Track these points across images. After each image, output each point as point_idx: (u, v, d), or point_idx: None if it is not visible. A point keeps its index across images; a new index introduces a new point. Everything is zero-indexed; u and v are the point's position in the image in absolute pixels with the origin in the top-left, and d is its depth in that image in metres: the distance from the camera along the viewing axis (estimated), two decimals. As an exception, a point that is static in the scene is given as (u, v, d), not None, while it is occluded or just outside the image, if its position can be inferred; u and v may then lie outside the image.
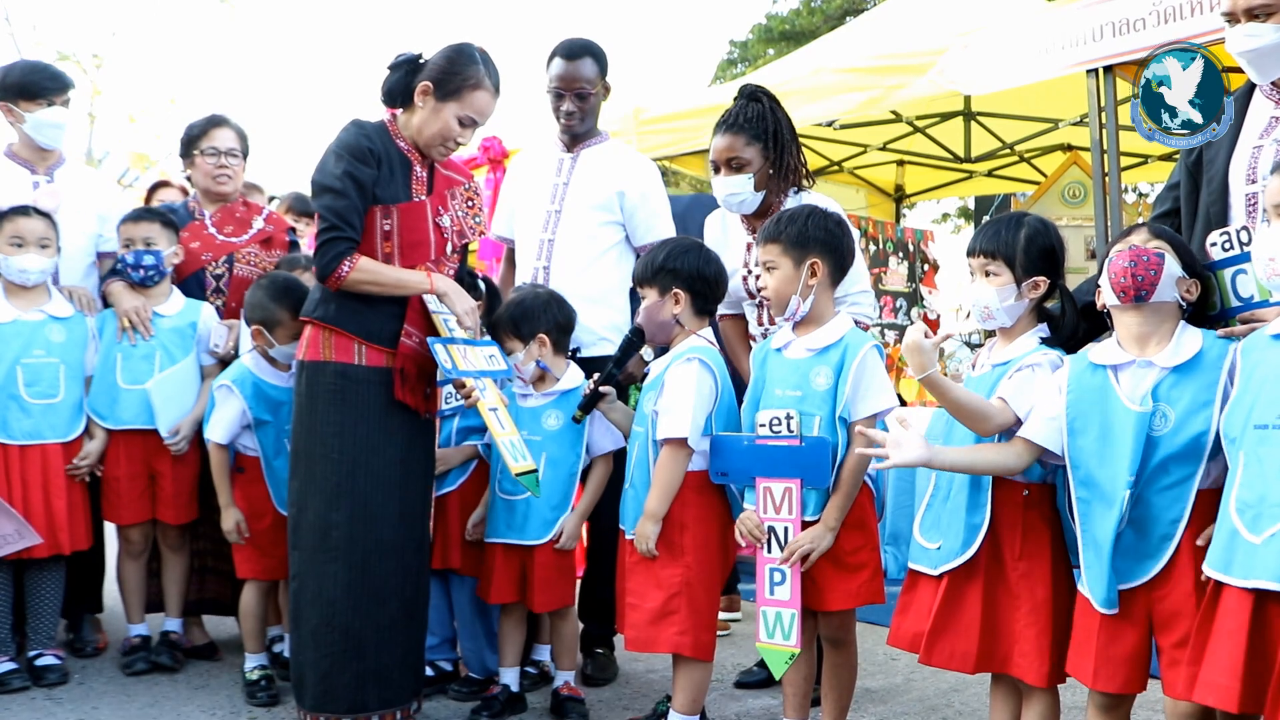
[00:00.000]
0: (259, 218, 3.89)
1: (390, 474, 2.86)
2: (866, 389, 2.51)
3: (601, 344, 3.47)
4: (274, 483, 3.34)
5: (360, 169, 2.80)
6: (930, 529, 2.41)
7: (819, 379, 2.53)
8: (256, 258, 3.81)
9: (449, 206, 3.00)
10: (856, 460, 2.49)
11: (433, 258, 2.94)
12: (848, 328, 2.60)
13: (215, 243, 3.78)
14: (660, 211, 3.61)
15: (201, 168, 3.79)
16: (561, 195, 3.57)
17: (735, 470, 2.61)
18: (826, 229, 2.62)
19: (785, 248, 2.60)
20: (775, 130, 3.09)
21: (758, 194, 3.09)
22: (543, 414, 3.10)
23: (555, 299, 3.19)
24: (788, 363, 2.60)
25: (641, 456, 2.75)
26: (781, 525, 2.53)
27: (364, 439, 2.84)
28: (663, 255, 2.82)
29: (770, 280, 2.63)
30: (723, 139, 3.09)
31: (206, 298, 3.72)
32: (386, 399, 2.87)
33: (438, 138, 2.90)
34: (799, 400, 2.54)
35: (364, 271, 2.78)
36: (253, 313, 3.37)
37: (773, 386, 2.61)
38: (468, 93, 2.87)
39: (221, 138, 3.81)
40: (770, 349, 2.67)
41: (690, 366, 2.71)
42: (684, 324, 2.82)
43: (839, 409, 2.50)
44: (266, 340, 3.35)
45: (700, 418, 2.67)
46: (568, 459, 3.07)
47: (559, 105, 3.56)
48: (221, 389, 3.36)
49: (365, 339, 2.86)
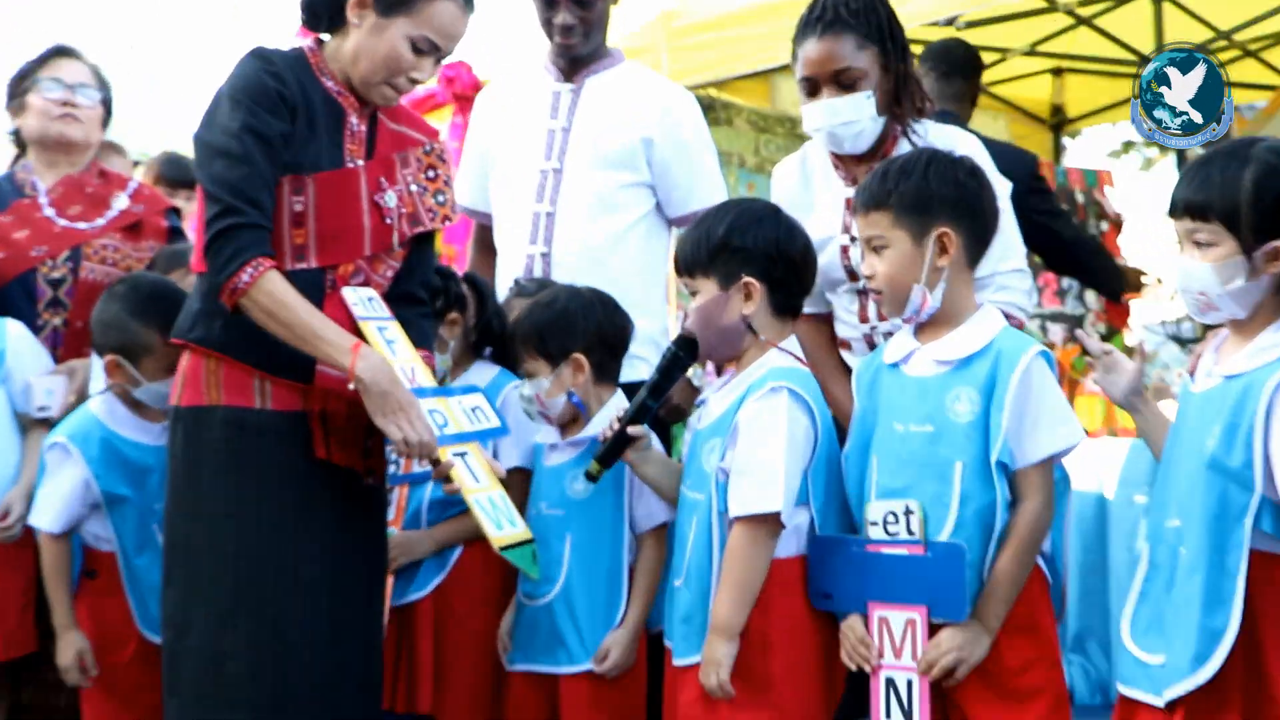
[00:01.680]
0: (122, 194, 3.92)
1: (313, 573, 2.87)
2: (1035, 417, 2.53)
3: (630, 364, 3.46)
4: (138, 593, 3.33)
5: (267, 121, 2.82)
6: (1147, 631, 2.41)
7: (959, 405, 2.56)
8: (118, 254, 3.83)
9: (397, 177, 3.00)
10: (1029, 524, 2.50)
11: (367, 253, 2.94)
12: (997, 327, 2.62)
13: (53, 230, 3.79)
14: (705, 164, 3.67)
15: (35, 106, 3.82)
16: (561, 146, 3.62)
17: (842, 590, 2.64)
18: (957, 181, 2.64)
19: (898, 215, 2.62)
20: (892, 27, 3.13)
21: (879, 120, 3.10)
22: (566, 476, 3.13)
23: (603, 301, 3.24)
24: (911, 384, 2.63)
25: (701, 535, 2.75)
26: (903, 677, 2.55)
27: (271, 521, 2.84)
28: (723, 227, 2.81)
29: (879, 264, 2.65)
30: (820, 44, 3.10)
31: (39, 313, 3.72)
32: (305, 459, 2.88)
33: (381, 70, 2.92)
34: (929, 440, 2.56)
35: (266, 294, 2.75)
36: (105, 334, 3.37)
37: (890, 419, 2.63)
38: (424, 2, 2.90)
39: (68, 69, 3.85)
40: (883, 365, 2.70)
41: (777, 402, 2.68)
42: (759, 331, 2.81)
43: (994, 450, 2.50)
44: (127, 376, 3.35)
45: (795, 480, 2.66)
46: (607, 541, 3.09)
47: (550, 15, 3.61)
48: (54, 450, 3.36)
49: (269, 370, 2.86)
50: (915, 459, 2.57)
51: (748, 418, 2.70)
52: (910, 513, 2.52)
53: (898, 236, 2.62)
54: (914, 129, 3.14)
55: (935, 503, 2.53)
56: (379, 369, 2.77)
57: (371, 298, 2.92)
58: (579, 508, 3.09)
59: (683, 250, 2.88)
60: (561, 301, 3.18)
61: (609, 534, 3.08)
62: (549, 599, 3.05)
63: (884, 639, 2.57)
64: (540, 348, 3.14)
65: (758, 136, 6.26)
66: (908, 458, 2.58)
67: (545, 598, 3.06)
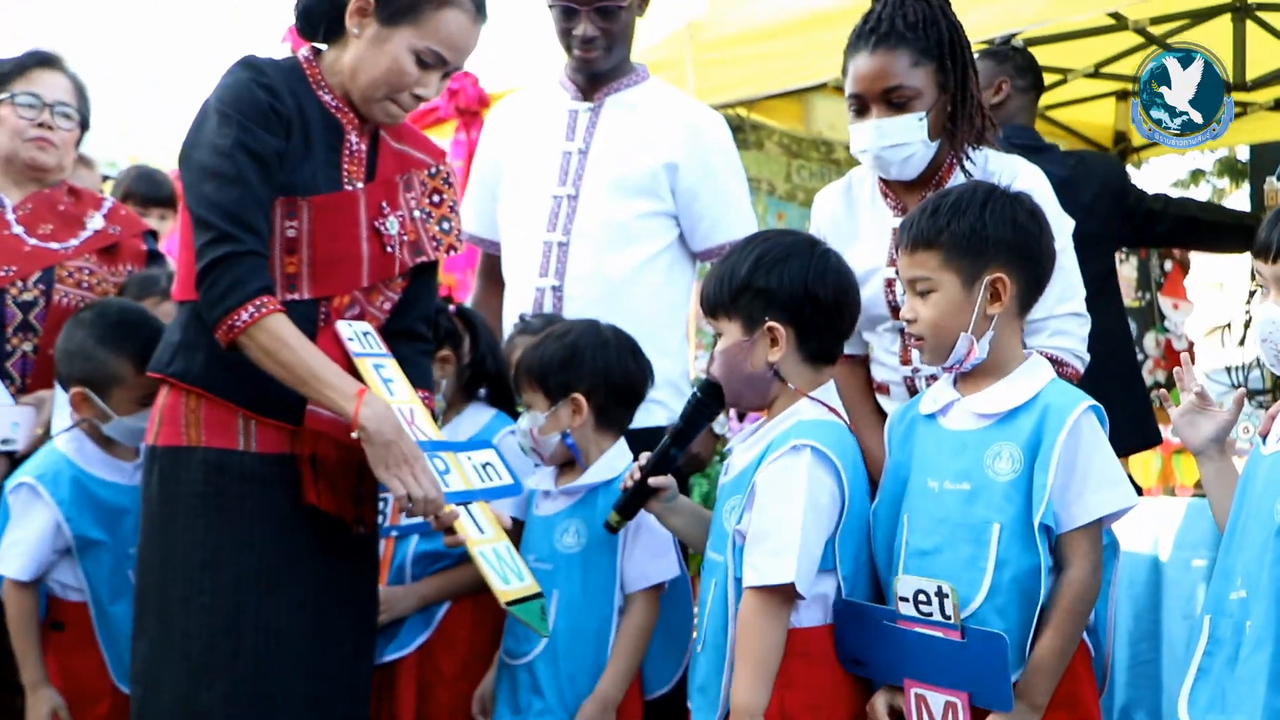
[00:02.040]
0: (96, 214, 3.93)
1: (298, 628, 2.87)
2: (1083, 477, 2.52)
3: (648, 409, 3.48)
4: (113, 645, 3.33)
5: (261, 137, 2.82)
6: (1208, 710, 2.40)
7: (999, 463, 2.56)
8: (93, 277, 3.84)
9: (399, 202, 3.01)
10: (1075, 594, 2.49)
11: (364, 284, 2.95)
12: (1045, 379, 2.61)
13: (22, 250, 3.79)
14: (734, 193, 3.68)
15: (8, 124, 3.82)
16: (576, 171, 3.63)
17: (875, 660, 2.63)
18: (1015, 222, 2.63)
19: (949, 256, 2.61)
20: (953, 43, 3.09)
21: (932, 145, 3.08)
22: (557, 527, 3.14)
23: (621, 343, 3.25)
24: (948, 438, 2.63)
25: (718, 599, 2.75)
26: None
27: (252, 571, 2.84)
28: (746, 265, 2.79)
29: (923, 309, 2.65)
30: (871, 59, 3.07)
31: (6, 338, 3.72)
32: (290, 505, 2.88)
33: (382, 86, 2.92)
34: (966, 499, 2.55)
35: (266, 332, 2.75)
36: (70, 364, 3.39)
37: (923, 476, 2.62)
38: (430, 10, 2.90)
39: (48, 83, 3.86)
40: (918, 416, 2.70)
41: (797, 463, 2.67)
42: (787, 378, 2.80)
43: (1037, 512, 2.49)
44: (95, 410, 3.36)
45: (815, 549, 2.65)
46: (598, 599, 3.10)
47: (569, 27, 3.61)
48: (21, 491, 3.36)
49: (254, 410, 2.87)
50: (949, 519, 2.57)
51: (765, 479, 2.69)
52: (944, 595, 2.50)
53: (946, 279, 2.61)
54: (970, 157, 3.11)
55: (969, 566, 2.53)
56: (384, 418, 2.77)
57: (367, 332, 2.93)
58: (569, 562, 3.11)
59: (706, 289, 2.87)
60: (572, 336, 3.19)
61: (600, 592, 3.09)
62: (531, 658, 3.05)
63: (923, 717, 2.55)
64: (541, 381, 3.15)
65: (790, 161, 6.23)
66: (941, 517, 2.58)
67: (528, 656, 3.05)
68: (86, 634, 3.35)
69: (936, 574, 2.54)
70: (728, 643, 2.68)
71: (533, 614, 2.84)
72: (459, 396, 3.51)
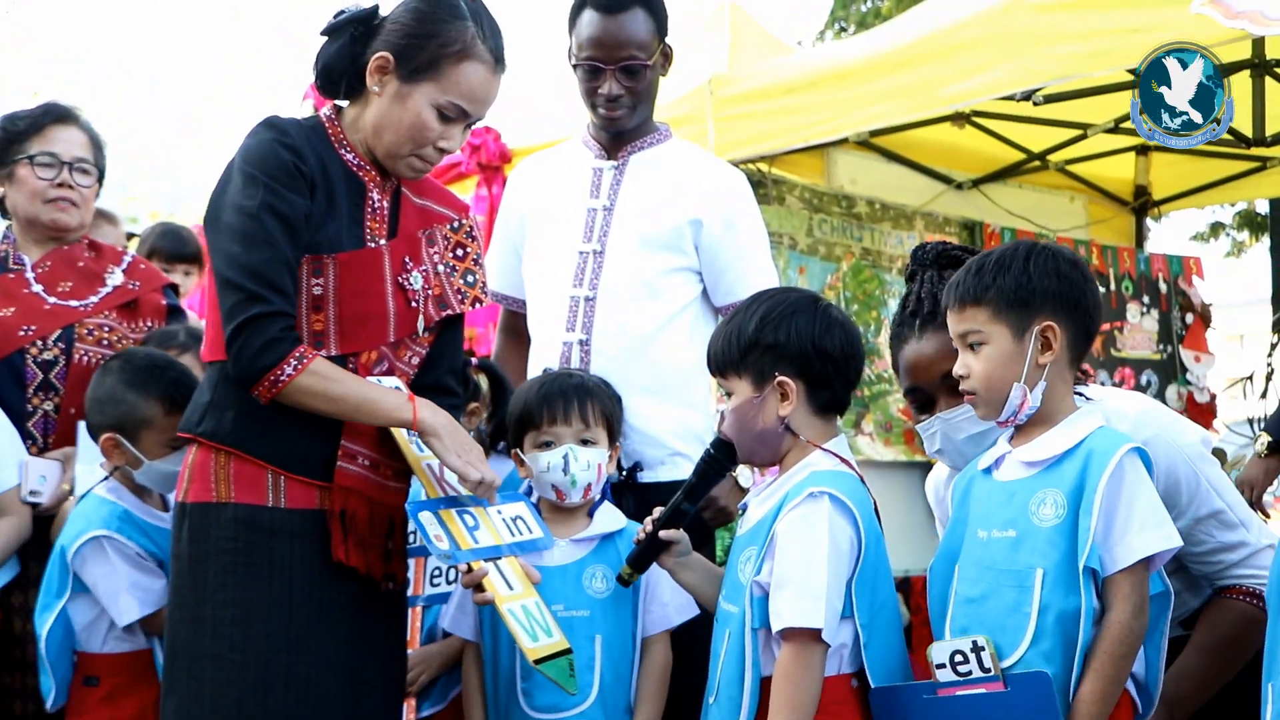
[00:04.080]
0: (116, 269, 3.95)
1: (328, 686, 2.87)
2: (1126, 518, 2.52)
3: (674, 462, 3.51)
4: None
5: (287, 198, 2.84)
6: None
7: (1044, 509, 2.57)
8: (113, 334, 3.85)
9: (423, 257, 3.03)
10: (1116, 636, 2.47)
11: (391, 339, 2.97)
12: (1091, 426, 2.62)
13: (43, 308, 3.81)
14: (756, 250, 3.68)
15: (27, 185, 3.83)
16: (602, 227, 3.64)
17: None
18: (1060, 273, 2.65)
19: (998, 309, 2.64)
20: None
21: None
22: (584, 573, 3.14)
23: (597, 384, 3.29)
24: (998, 489, 2.65)
25: (734, 650, 2.74)
26: None
27: (283, 628, 2.84)
28: (753, 322, 2.83)
29: (976, 363, 2.67)
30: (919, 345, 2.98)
31: (27, 398, 3.73)
32: (320, 561, 2.89)
33: (407, 142, 2.95)
34: (1011, 546, 2.56)
35: (317, 377, 2.79)
36: (101, 411, 3.40)
37: (975, 526, 2.66)
38: (450, 65, 2.92)
39: (65, 140, 3.87)
40: (977, 473, 2.72)
41: (817, 509, 2.69)
42: (798, 431, 2.82)
43: (1081, 555, 2.50)
44: (127, 456, 3.38)
45: (837, 596, 2.66)
46: (629, 645, 3.14)
47: (594, 86, 3.61)
48: (95, 543, 3.32)
49: (284, 467, 2.88)
50: (995, 565, 2.58)
51: (786, 527, 2.70)
52: (981, 649, 2.50)
53: (997, 331, 2.63)
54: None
55: (1014, 612, 2.52)
56: (439, 411, 2.86)
57: (397, 387, 2.94)
58: (604, 607, 3.11)
59: (714, 348, 2.89)
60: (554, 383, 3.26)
61: (630, 634, 3.12)
62: (584, 709, 3.02)
63: None
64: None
65: (811, 216, 6.21)
66: (988, 564, 2.59)
67: (579, 709, 3.02)
68: (120, 684, 3.35)
69: (983, 620, 2.55)
70: (743, 693, 2.68)
71: (561, 671, 2.83)
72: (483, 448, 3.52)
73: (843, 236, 6.37)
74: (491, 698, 3.12)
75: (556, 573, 3.12)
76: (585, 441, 3.18)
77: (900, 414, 6.40)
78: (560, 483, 3.15)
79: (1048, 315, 2.62)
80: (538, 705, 3.06)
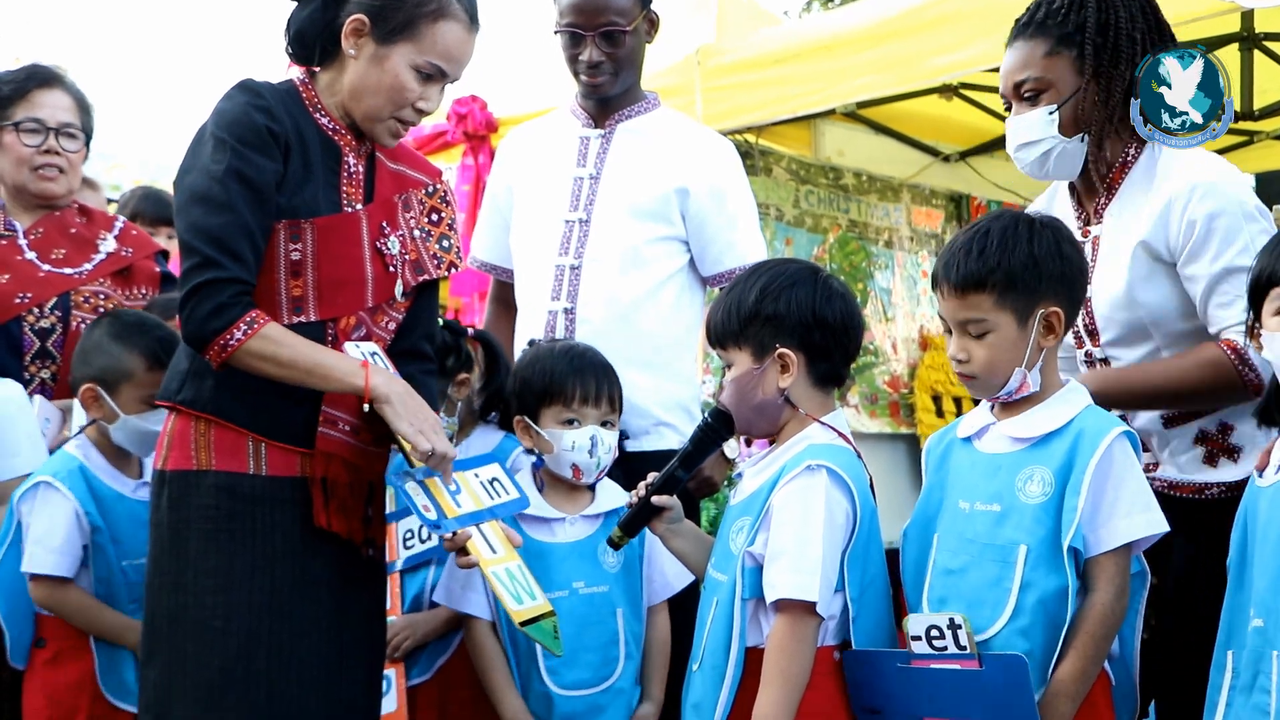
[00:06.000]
0: (109, 235, 3.96)
1: (311, 653, 2.87)
2: (1113, 501, 2.53)
3: (659, 432, 3.51)
4: (109, 664, 3.33)
5: (256, 162, 2.82)
6: None
7: (1030, 485, 2.57)
8: (108, 301, 3.85)
9: (399, 222, 3.02)
10: (1098, 618, 2.49)
11: (369, 305, 2.96)
12: (1080, 405, 2.63)
13: (38, 276, 3.81)
14: (744, 220, 3.67)
15: (13, 153, 3.82)
16: (589, 196, 3.64)
17: (891, 704, 2.61)
18: (1061, 254, 2.63)
19: (1003, 296, 2.59)
20: (1104, 28, 2.96)
21: (1073, 141, 2.98)
22: (598, 549, 3.18)
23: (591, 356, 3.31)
24: (982, 460, 2.65)
25: (721, 618, 2.74)
26: None
27: (266, 596, 2.84)
28: (754, 293, 2.81)
29: (977, 350, 2.63)
30: (1009, 53, 3.04)
31: (24, 365, 3.73)
32: (301, 528, 2.88)
33: (383, 104, 2.93)
34: (995, 520, 2.57)
35: (267, 340, 2.76)
36: (85, 362, 3.40)
37: (956, 496, 2.64)
38: (426, 25, 2.91)
39: (50, 104, 3.85)
40: (955, 439, 2.73)
41: (814, 483, 2.69)
42: (798, 404, 2.81)
43: (1066, 535, 2.50)
44: (105, 409, 3.38)
45: (831, 569, 2.66)
46: (640, 615, 3.23)
47: (576, 52, 3.61)
48: (39, 489, 3.35)
49: (263, 433, 2.87)
50: (977, 539, 2.58)
51: (783, 499, 2.69)
52: (957, 626, 2.50)
53: (1002, 319, 2.60)
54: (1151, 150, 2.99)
55: (994, 587, 2.53)
56: (393, 379, 2.84)
57: (375, 353, 2.93)
58: (618, 580, 3.16)
59: (713, 319, 2.88)
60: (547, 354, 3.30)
61: (641, 605, 3.19)
62: (612, 682, 3.10)
63: None
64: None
65: (798, 187, 6.21)
66: (970, 538, 2.59)
67: (608, 681, 3.11)
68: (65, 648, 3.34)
69: (962, 593, 2.56)
70: (728, 662, 2.68)
71: (546, 634, 2.83)
72: (469, 419, 3.51)
73: (829, 208, 6.38)
74: None
75: (573, 549, 3.17)
76: (606, 424, 3.22)
77: (886, 386, 6.41)
78: (585, 464, 3.20)
79: (1051, 299, 2.60)
80: (565, 683, 3.10)
